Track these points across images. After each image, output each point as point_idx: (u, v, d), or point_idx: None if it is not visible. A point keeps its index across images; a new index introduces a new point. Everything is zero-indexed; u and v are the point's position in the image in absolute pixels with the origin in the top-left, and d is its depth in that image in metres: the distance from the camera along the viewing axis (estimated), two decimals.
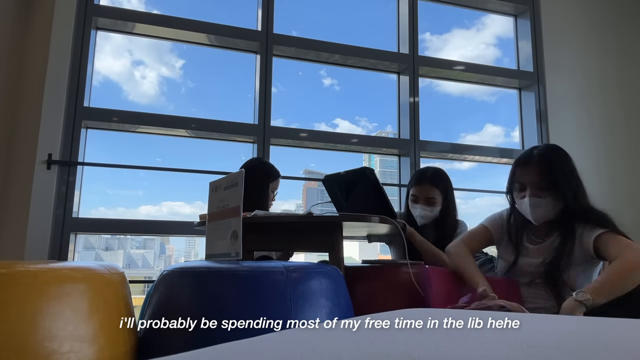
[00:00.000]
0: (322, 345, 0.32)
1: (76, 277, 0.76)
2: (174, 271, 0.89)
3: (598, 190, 2.44)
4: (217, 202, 1.01)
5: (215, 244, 0.99)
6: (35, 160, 1.66)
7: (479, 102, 2.57)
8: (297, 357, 0.29)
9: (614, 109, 2.53)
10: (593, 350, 0.30)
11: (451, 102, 2.52)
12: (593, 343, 0.33)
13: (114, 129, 1.93)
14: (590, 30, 2.57)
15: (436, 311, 0.54)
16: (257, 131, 2.00)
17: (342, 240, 1.12)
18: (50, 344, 0.68)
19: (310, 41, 2.15)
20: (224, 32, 2.03)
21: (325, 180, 1.29)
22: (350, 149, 2.23)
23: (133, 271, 2.28)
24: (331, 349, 0.31)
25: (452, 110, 2.55)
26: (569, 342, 0.33)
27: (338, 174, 1.23)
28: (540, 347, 0.31)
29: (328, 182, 1.28)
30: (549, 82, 2.41)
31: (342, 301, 0.91)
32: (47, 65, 1.73)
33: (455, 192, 1.49)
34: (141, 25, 1.95)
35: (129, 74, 2.09)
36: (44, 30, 1.75)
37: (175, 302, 0.84)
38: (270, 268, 0.84)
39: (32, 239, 1.61)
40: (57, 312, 0.70)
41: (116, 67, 2.05)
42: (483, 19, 2.62)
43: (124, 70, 2.08)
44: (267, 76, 2.04)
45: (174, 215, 2.03)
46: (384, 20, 2.44)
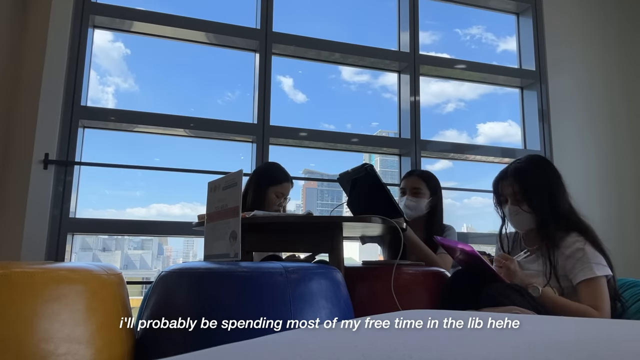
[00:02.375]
0: (322, 347, 0.32)
1: (73, 278, 0.75)
2: (172, 272, 0.88)
3: (601, 190, 2.45)
4: (215, 202, 1.00)
5: (214, 245, 0.98)
6: (32, 160, 1.65)
7: (480, 101, 2.57)
8: (297, 359, 0.28)
9: (617, 108, 2.51)
10: (594, 351, 0.30)
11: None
12: (595, 344, 0.32)
13: (111, 129, 1.92)
14: (594, 28, 2.55)
15: (436, 312, 0.54)
16: (256, 131, 1.99)
17: (342, 241, 1.11)
18: (47, 346, 0.68)
19: (309, 39, 2.14)
20: (223, 30, 2.02)
21: (340, 179, 1.28)
22: (351, 149, 2.23)
23: (131, 272, 2.27)
24: (331, 350, 0.31)
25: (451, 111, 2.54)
26: (570, 342, 0.33)
27: (347, 172, 1.23)
28: (542, 347, 0.30)
29: (342, 180, 1.28)
30: (552, 81, 2.40)
31: (342, 302, 0.90)
32: (44, 64, 1.71)
33: (456, 192, 1.50)
34: (139, 24, 1.94)
35: (126, 71, 2.09)
36: (41, 28, 1.74)
37: (173, 304, 0.84)
38: (269, 269, 0.84)
39: (29, 239, 1.60)
40: (54, 313, 0.70)
41: (113, 64, 2.04)
42: (484, 16, 2.61)
43: (121, 68, 2.07)
44: (267, 75, 2.03)
45: (172, 215, 2.02)
46: (385, 19, 2.43)
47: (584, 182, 2.33)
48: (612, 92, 2.52)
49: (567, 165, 2.33)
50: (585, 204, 2.55)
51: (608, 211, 2.34)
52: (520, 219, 1.14)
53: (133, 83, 2.11)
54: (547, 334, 0.36)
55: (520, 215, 1.14)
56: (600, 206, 2.32)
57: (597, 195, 2.36)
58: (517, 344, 0.32)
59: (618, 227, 2.34)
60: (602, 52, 2.54)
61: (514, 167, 1.18)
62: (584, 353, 0.29)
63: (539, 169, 1.16)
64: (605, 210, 2.33)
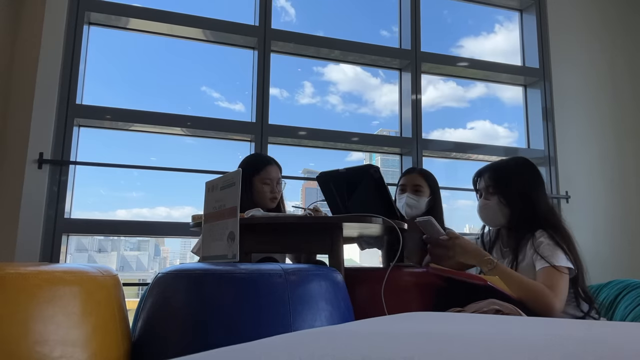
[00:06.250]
0: (321, 350, 0.32)
1: (68, 279, 0.74)
2: (169, 273, 0.87)
3: (606, 191, 2.43)
4: (213, 202, 0.99)
5: (212, 246, 0.97)
6: (26, 159, 1.63)
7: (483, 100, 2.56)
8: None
9: (623, 107, 2.47)
10: (599, 353, 0.29)
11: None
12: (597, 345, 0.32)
13: (107, 127, 1.90)
14: (599, 24, 2.52)
15: (438, 315, 0.53)
16: (255, 129, 1.97)
17: (342, 242, 1.10)
18: (42, 349, 0.67)
19: (309, 36, 2.12)
20: (221, 27, 2.00)
21: (320, 177, 1.21)
22: (351, 148, 2.21)
23: (127, 274, 2.25)
24: (330, 353, 0.30)
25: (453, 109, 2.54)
26: (573, 345, 0.32)
27: (337, 172, 1.17)
28: (545, 350, 0.30)
29: (323, 179, 1.21)
30: (556, 78, 2.37)
31: (342, 304, 0.90)
32: (38, 62, 1.69)
33: (457, 192, 1.49)
34: (135, 21, 1.92)
35: (124, 70, 2.06)
36: (35, 24, 1.72)
37: (170, 306, 0.83)
38: (268, 270, 0.83)
39: (23, 240, 1.58)
40: (49, 315, 0.69)
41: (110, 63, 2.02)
42: (488, 14, 2.60)
43: (118, 66, 2.05)
44: (265, 73, 2.01)
45: (169, 216, 2.01)
46: (385, 16, 2.42)
47: (589, 181, 2.32)
48: (619, 89, 2.49)
49: (572, 164, 2.31)
50: (590, 204, 2.56)
51: (613, 212, 2.32)
52: (488, 212, 1.13)
53: (129, 81, 2.09)
54: (551, 338, 0.35)
55: (488, 209, 1.12)
56: (605, 207, 2.30)
57: (603, 196, 2.33)
58: (521, 347, 0.31)
59: (624, 228, 2.32)
60: (609, 48, 2.50)
61: (493, 163, 1.19)
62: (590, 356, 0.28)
63: (517, 166, 1.16)
64: (610, 212, 2.31)
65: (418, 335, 0.37)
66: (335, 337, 0.37)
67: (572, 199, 2.25)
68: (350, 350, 0.31)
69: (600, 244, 2.23)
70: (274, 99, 2.05)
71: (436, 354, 0.29)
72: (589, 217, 2.25)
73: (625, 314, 1.14)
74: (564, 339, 0.35)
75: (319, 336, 0.38)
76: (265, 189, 1.38)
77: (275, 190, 1.40)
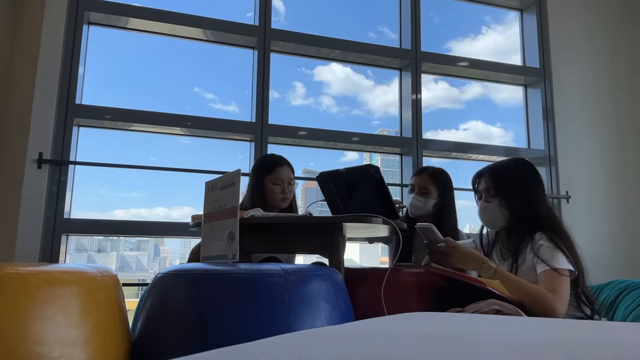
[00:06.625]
0: (321, 350, 0.31)
1: (68, 279, 0.74)
2: (169, 274, 0.87)
3: (605, 190, 2.42)
4: (213, 202, 0.99)
5: (212, 246, 0.97)
6: (26, 159, 1.63)
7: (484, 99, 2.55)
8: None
9: (624, 106, 2.47)
10: (599, 354, 0.29)
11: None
12: (597, 345, 0.32)
13: (106, 127, 1.89)
14: (600, 24, 2.52)
15: (438, 315, 0.53)
16: (255, 129, 1.97)
17: (342, 242, 1.10)
18: (41, 349, 0.67)
19: (309, 36, 2.12)
20: (221, 27, 2.00)
21: (320, 177, 1.22)
22: (351, 148, 2.21)
23: (126, 274, 2.25)
24: (330, 353, 0.30)
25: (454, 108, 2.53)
26: (574, 345, 0.32)
27: (337, 172, 1.18)
28: (545, 350, 0.30)
29: (323, 179, 1.22)
30: (556, 78, 2.37)
31: (342, 304, 0.89)
32: (38, 62, 1.69)
33: (456, 192, 1.48)
34: (135, 20, 1.92)
35: (124, 70, 2.06)
36: (35, 24, 1.72)
37: (170, 306, 0.83)
38: (268, 271, 0.83)
39: (22, 240, 1.58)
40: (48, 315, 0.69)
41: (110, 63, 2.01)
42: (488, 13, 2.60)
43: (118, 66, 2.05)
44: (265, 73, 2.01)
45: (168, 216, 2.01)
46: (386, 15, 2.42)
47: (589, 181, 2.32)
48: (619, 89, 2.48)
49: (572, 164, 2.31)
50: (590, 204, 2.56)
51: (613, 212, 2.32)
52: (489, 215, 1.12)
53: (129, 81, 2.09)
54: (554, 338, 0.35)
55: (489, 211, 1.11)
56: (605, 207, 2.30)
57: (603, 195, 2.33)
58: (522, 348, 0.31)
59: (624, 228, 2.32)
60: (609, 49, 2.50)
61: (492, 164, 1.18)
62: (590, 356, 0.28)
63: (517, 167, 1.15)
64: (611, 212, 2.31)
65: (418, 335, 0.37)
66: (335, 337, 0.37)
67: (572, 199, 2.25)
68: (350, 350, 0.31)
69: (600, 243, 2.23)
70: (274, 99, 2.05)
71: (436, 354, 0.29)
72: (590, 217, 2.25)
73: (626, 314, 1.14)
74: (565, 339, 0.35)
75: (319, 336, 0.38)
76: (276, 189, 1.38)
77: (286, 190, 1.39)
